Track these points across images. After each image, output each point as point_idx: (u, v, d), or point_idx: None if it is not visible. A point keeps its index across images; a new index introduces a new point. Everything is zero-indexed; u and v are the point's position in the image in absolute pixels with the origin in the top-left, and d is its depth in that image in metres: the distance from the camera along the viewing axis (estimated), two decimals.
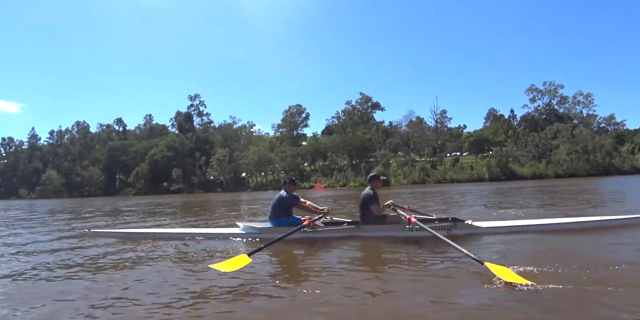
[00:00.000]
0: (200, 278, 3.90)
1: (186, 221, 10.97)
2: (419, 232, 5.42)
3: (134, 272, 4.28)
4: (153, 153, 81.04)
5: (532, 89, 71.26)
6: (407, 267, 4.06)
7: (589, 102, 70.90)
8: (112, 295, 3.32)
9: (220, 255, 5.01)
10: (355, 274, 3.89)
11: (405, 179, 57.73)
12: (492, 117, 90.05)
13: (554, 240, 5.17)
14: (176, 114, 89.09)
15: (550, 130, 58.98)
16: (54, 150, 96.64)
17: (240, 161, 71.78)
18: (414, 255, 4.63)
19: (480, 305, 2.76)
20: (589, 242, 5.02)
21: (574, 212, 8.57)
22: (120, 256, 5.21)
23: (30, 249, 6.32)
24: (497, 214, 8.95)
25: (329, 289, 3.28)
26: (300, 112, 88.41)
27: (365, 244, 5.45)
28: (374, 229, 5.89)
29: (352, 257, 4.80)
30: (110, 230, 7.76)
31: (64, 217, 14.52)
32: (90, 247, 6.21)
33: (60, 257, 5.34)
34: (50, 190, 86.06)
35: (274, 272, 4.20)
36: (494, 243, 5.05)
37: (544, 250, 4.58)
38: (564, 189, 20.04)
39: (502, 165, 54.26)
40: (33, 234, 8.63)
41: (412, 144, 69.02)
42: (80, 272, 4.36)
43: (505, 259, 4.01)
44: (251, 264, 4.12)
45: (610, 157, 54.17)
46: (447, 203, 14.20)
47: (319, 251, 5.16)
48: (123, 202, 30.23)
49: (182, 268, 4.38)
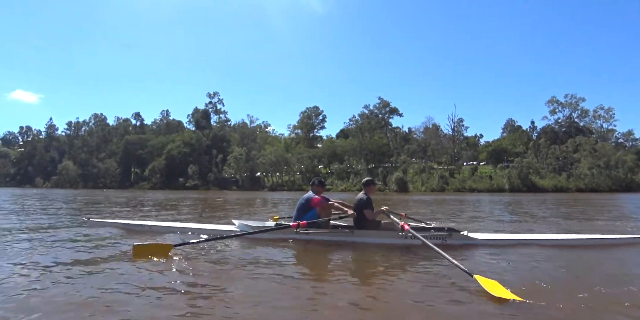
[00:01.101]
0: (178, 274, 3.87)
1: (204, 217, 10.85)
2: (413, 240, 5.37)
3: (114, 264, 4.25)
4: (170, 148, 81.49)
5: (552, 100, 70.93)
6: (397, 275, 3.99)
7: (609, 117, 70.46)
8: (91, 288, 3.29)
9: (206, 251, 5.01)
10: (343, 279, 3.85)
11: (423, 186, 57.63)
12: (510, 128, 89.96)
13: (548, 255, 5.06)
14: (194, 111, 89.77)
15: (572, 144, 58.64)
16: (70, 141, 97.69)
17: (258, 160, 71.89)
18: (405, 263, 4.60)
19: (465, 318, 2.72)
20: (587, 259, 4.95)
21: (587, 227, 8.49)
22: (112, 246, 5.29)
23: (27, 235, 6.46)
24: (514, 226, 8.82)
25: (314, 295, 3.25)
26: (317, 114, 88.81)
27: (357, 250, 5.35)
28: (368, 234, 5.82)
29: (343, 261, 4.79)
30: (108, 220, 7.89)
31: (75, 207, 14.90)
32: (86, 235, 6.39)
33: (53, 244, 5.46)
34: (65, 180, 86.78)
35: (257, 272, 4.05)
36: (487, 255, 4.96)
37: (536, 265, 4.48)
38: (586, 204, 19.86)
39: (523, 176, 54.00)
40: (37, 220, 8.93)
41: (430, 151, 68.88)
42: (66, 259, 4.42)
43: (496, 272, 3.93)
44: (237, 262, 4.30)
45: (632, 173, 53.80)
46: (464, 212, 14.00)
47: (310, 255, 5.05)
48: (143, 195, 30.54)
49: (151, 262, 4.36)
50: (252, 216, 10.95)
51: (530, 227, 8.67)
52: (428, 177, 60.85)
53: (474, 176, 59.36)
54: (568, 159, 58.22)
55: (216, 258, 4.65)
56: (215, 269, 4.09)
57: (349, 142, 77.28)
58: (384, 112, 78.58)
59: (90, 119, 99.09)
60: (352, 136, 78.96)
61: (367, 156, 73.22)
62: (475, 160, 78.21)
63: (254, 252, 5.12)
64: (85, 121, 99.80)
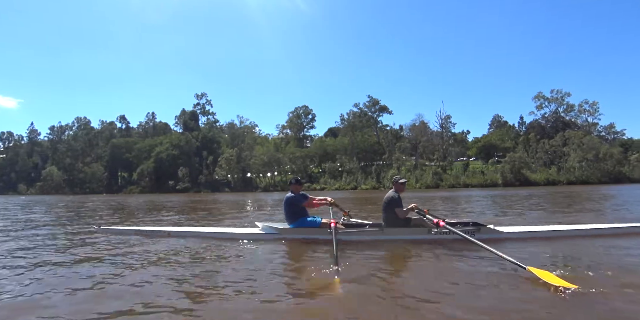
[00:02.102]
0: (218, 278, 3.93)
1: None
2: (444, 235, 5.45)
3: (151, 270, 4.24)
4: (158, 151, 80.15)
5: (539, 96, 72.10)
6: (443, 273, 3.91)
7: (594, 111, 71.95)
8: (138, 296, 3.30)
9: (239, 255, 5.03)
10: (390, 277, 3.84)
11: (418, 182, 57.96)
12: (497, 124, 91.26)
13: (578, 245, 5.25)
14: (181, 112, 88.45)
15: (561, 137, 59.74)
16: (53, 146, 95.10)
17: (250, 161, 71.25)
18: (447, 259, 4.55)
19: (536, 310, 2.76)
20: (612, 247, 5.08)
21: (594, 217, 8.81)
22: (139, 254, 5.17)
23: (38, 246, 6.16)
24: (520, 219, 9.05)
25: (369, 292, 3.26)
26: (307, 113, 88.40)
27: (391, 247, 5.33)
28: (398, 232, 5.81)
29: (381, 261, 4.72)
30: (122, 228, 7.59)
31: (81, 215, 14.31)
32: (100, 243, 6.20)
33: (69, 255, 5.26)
34: (50, 186, 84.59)
35: (300, 274, 4.13)
36: (518, 248, 4.98)
37: (571, 255, 4.63)
38: (580, 195, 20.41)
39: (516, 171, 54.77)
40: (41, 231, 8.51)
41: (422, 148, 69.33)
42: (91, 269, 4.34)
43: (536, 263, 3.81)
44: (275, 264, 4.48)
45: (620, 165, 55.10)
46: (470, 207, 14.32)
47: (345, 254, 4.93)
48: (135, 200, 29.91)
49: (199, 268, 4.36)
50: (271, 217, 11.01)
51: (546, 218, 8.89)
52: (421, 173, 61.24)
53: (466, 172, 59.97)
54: (557, 152, 59.27)
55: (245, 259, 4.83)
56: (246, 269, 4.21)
57: (340, 141, 77.18)
58: (373, 110, 78.86)
59: (73, 123, 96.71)
60: (342, 135, 78.95)
61: (359, 155, 73.29)
62: (463, 156, 79.04)
63: (288, 252, 5.38)
64: (68, 125, 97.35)
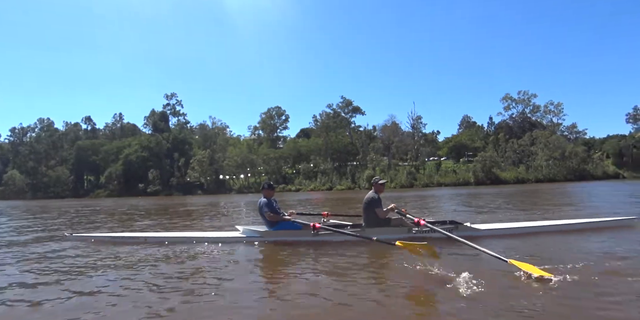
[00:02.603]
0: (200, 282, 4.01)
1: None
2: (425, 234, 5.63)
3: (129, 278, 4.26)
4: (127, 153, 77.67)
5: (507, 97, 74.29)
6: (426, 270, 4.05)
7: (558, 111, 74.69)
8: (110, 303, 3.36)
9: (220, 259, 5.12)
10: (370, 276, 4.01)
11: (392, 182, 58.47)
12: (466, 124, 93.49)
13: (551, 239, 5.55)
14: (151, 113, 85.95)
15: (529, 137, 61.62)
16: (15, 149, 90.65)
17: (224, 162, 70.08)
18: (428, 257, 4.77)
19: (521, 300, 2.87)
20: (585, 241, 5.43)
21: (563, 214, 9.36)
22: (115, 262, 5.13)
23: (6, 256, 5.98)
24: (496, 216, 9.49)
25: (350, 291, 3.37)
26: (280, 114, 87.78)
27: (371, 247, 5.46)
28: (379, 231, 5.86)
29: (361, 259, 4.90)
30: (97, 235, 7.38)
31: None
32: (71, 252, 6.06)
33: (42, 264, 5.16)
34: (12, 191, 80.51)
35: (284, 275, 4.28)
36: (496, 244, 5.20)
37: (545, 248, 4.93)
38: (550, 193, 21.32)
39: (487, 170, 56.09)
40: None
41: (395, 149, 70.06)
42: (60, 279, 4.30)
43: (514, 257, 4.02)
44: (257, 267, 4.78)
45: (584, 163, 57.32)
46: (446, 206, 14.83)
47: (327, 254, 5.20)
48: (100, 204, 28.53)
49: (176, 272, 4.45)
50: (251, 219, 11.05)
51: (519, 215, 9.42)
52: (395, 173, 61.87)
53: (439, 171, 60.97)
54: (525, 151, 61.11)
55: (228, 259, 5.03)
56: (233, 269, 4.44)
57: (313, 142, 77.03)
58: (347, 111, 79.14)
59: (35, 125, 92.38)
60: (316, 135, 78.87)
61: (333, 155, 73.35)
62: (434, 156, 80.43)
63: (275, 254, 5.50)
64: (30, 127, 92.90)
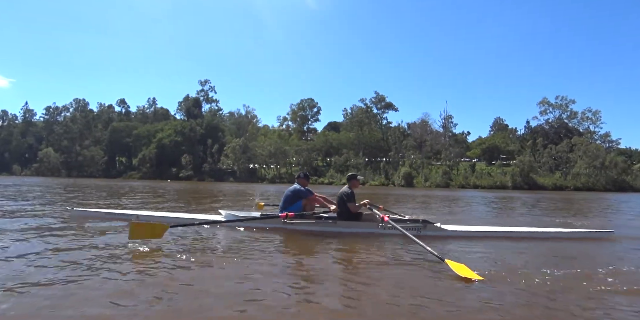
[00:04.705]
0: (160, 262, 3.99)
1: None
2: (391, 230, 5.82)
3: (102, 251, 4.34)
4: (161, 137, 78.84)
5: (544, 102, 73.34)
6: (377, 261, 4.43)
7: (596, 119, 73.54)
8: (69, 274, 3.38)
9: (193, 240, 5.32)
10: (327, 265, 4.23)
11: (427, 181, 58.52)
12: (498, 126, 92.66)
13: (512, 245, 5.75)
14: (184, 98, 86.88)
15: (568, 144, 60.93)
16: (49, 127, 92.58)
17: (257, 151, 70.69)
18: (384, 250, 5.08)
19: (434, 297, 3.05)
20: (546, 249, 5.61)
21: (561, 222, 9.60)
22: (103, 237, 5.32)
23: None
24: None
25: (303, 281, 3.50)
26: (312, 106, 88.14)
27: (340, 239, 5.78)
28: (350, 225, 6.29)
29: (328, 250, 5.13)
30: (93, 210, 7.84)
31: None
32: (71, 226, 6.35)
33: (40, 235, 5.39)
34: (47, 168, 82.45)
35: (242, 259, 4.27)
36: (457, 244, 5.56)
37: (499, 253, 5.13)
38: (595, 202, 21.37)
39: (524, 174, 55.76)
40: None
41: (429, 147, 69.89)
42: (54, 250, 4.39)
43: (464, 259, 4.38)
44: (225, 248, 4.83)
45: (625, 174, 56.59)
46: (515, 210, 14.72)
47: (296, 243, 5.45)
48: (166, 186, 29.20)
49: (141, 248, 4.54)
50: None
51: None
52: (429, 172, 61.87)
53: (475, 173, 60.75)
54: (563, 158, 60.49)
55: (203, 246, 5.05)
56: (203, 255, 4.38)
57: (345, 135, 77.19)
58: (379, 106, 79.12)
59: (70, 104, 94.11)
60: (347, 130, 78.99)
61: (365, 150, 73.52)
62: (462, 157, 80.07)
63: (242, 239, 5.54)
64: (65, 106, 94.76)
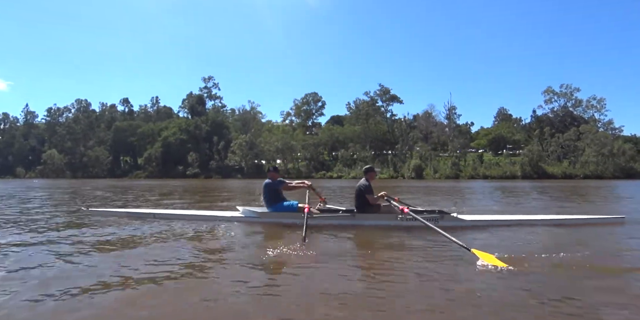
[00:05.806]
0: (206, 258, 4.10)
1: None
2: (410, 222, 5.83)
3: (130, 251, 4.41)
4: (166, 135, 78.61)
5: (549, 90, 73.31)
6: (402, 253, 4.36)
7: (601, 107, 73.55)
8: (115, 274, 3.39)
9: (219, 237, 5.34)
10: (354, 259, 4.21)
11: (437, 173, 58.57)
12: (502, 116, 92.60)
13: (529, 232, 5.71)
14: (188, 95, 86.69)
15: (575, 132, 61.02)
16: (51, 129, 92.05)
17: (264, 147, 70.59)
18: (407, 243, 5.03)
19: (469, 287, 3.07)
20: (562, 236, 5.56)
21: (574, 209, 9.67)
22: (123, 236, 5.37)
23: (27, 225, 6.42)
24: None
25: (330, 275, 3.48)
26: (317, 100, 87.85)
27: (360, 232, 5.77)
28: (369, 217, 6.23)
29: (349, 243, 5.14)
30: (109, 210, 7.81)
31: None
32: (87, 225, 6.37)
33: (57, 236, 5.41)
34: (51, 170, 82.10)
35: (279, 257, 4.22)
36: (476, 234, 5.53)
37: (517, 240, 5.10)
38: (586, 189, 21.38)
39: (534, 164, 55.89)
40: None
41: (436, 139, 69.90)
42: (75, 251, 4.40)
43: (483, 247, 4.32)
44: (251, 245, 4.84)
45: (633, 161, 56.77)
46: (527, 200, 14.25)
47: (318, 237, 5.38)
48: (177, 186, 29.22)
49: (186, 248, 4.60)
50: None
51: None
52: (437, 164, 61.95)
53: (483, 163, 60.86)
54: (570, 146, 60.60)
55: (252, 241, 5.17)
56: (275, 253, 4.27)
57: (350, 129, 77.05)
58: (384, 99, 78.94)
59: (72, 105, 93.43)
60: (352, 123, 78.84)
61: (371, 143, 73.46)
62: (466, 147, 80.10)
63: (275, 235, 5.66)
64: (67, 107, 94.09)
